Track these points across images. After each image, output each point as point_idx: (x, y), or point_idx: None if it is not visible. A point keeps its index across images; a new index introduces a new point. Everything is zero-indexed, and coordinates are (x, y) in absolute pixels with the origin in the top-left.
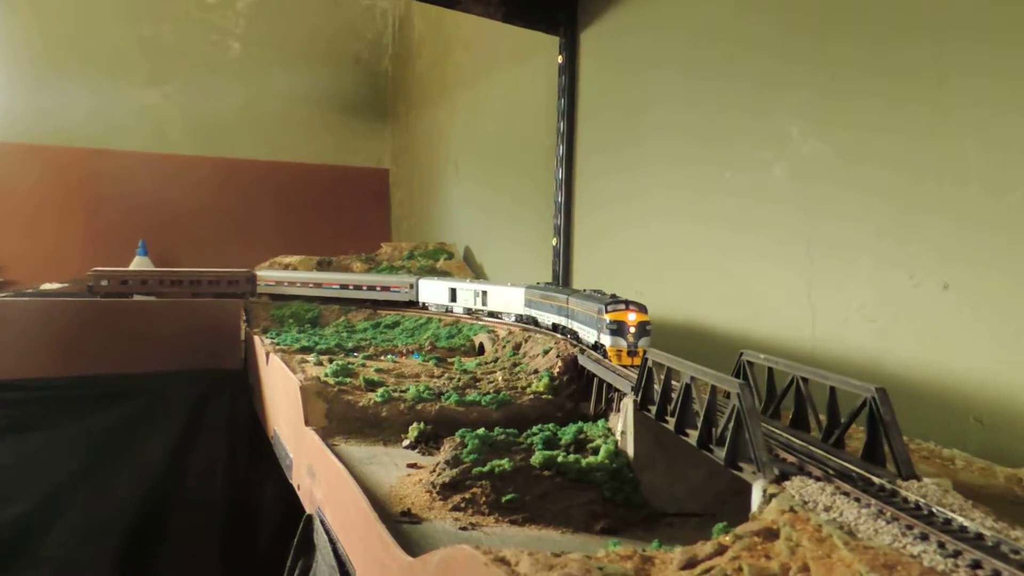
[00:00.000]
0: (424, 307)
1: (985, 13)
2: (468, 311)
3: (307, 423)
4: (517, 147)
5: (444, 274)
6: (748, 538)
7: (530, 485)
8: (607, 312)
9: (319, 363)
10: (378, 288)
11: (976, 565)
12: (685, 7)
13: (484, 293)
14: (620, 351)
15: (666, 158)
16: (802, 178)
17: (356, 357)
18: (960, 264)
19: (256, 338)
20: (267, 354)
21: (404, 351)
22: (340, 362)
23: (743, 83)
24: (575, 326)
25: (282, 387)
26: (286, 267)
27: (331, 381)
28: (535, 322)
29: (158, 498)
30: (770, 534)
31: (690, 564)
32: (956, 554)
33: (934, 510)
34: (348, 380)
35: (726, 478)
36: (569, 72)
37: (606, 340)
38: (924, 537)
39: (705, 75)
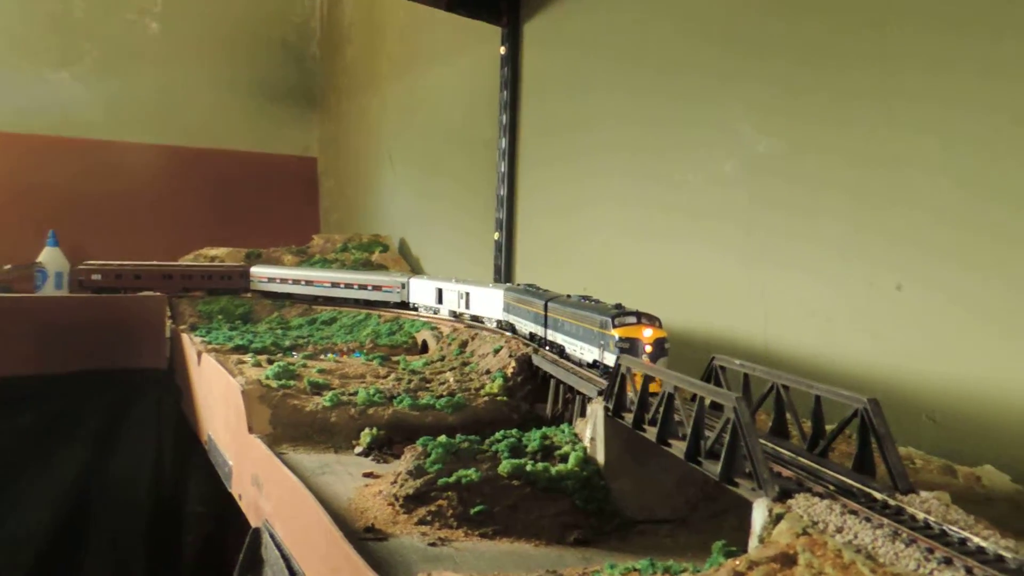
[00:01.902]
0: (415, 308)
1: (934, 4)
2: (454, 315)
3: (251, 430)
4: (456, 139)
5: (380, 267)
6: (765, 564)
7: (499, 496)
8: (615, 327)
9: (257, 364)
10: (370, 287)
11: None
12: (627, 6)
13: (467, 295)
14: (635, 377)
15: (613, 153)
16: (753, 172)
17: (295, 356)
18: (913, 263)
19: (184, 336)
20: (199, 354)
21: (345, 349)
22: (280, 363)
23: (690, 76)
24: (560, 339)
25: (219, 390)
26: (211, 259)
27: (274, 384)
28: (513, 330)
29: (76, 508)
30: (787, 560)
31: None
32: None
33: (946, 529)
34: (292, 383)
35: (696, 484)
36: (512, 63)
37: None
38: (948, 562)
39: (652, 68)
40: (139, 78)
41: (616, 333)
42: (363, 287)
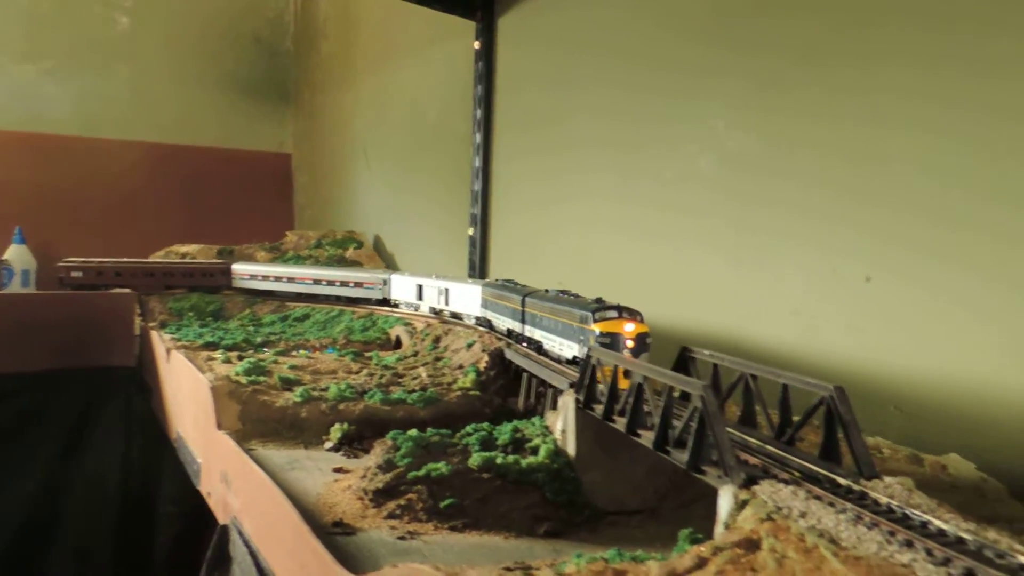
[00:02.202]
0: (396, 306)
1: (916, 1)
2: (434, 311)
3: (219, 426)
4: (431, 134)
5: (355, 263)
6: (729, 550)
7: (469, 489)
8: (595, 322)
9: (227, 360)
10: (351, 284)
11: (970, 574)
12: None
13: (447, 291)
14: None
15: (587, 149)
16: (728, 167)
17: (266, 353)
18: (883, 255)
19: (153, 333)
20: (168, 351)
21: (317, 345)
22: (251, 359)
23: (666, 72)
24: (539, 335)
25: (188, 387)
26: (183, 256)
27: (243, 380)
28: (491, 327)
29: (45, 507)
30: (751, 545)
31: None
32: (946, 561)
33: (908, 512)
34: (262, 379)
35: (665, 474)
36: (486, 58)
37: None
38: (909, 544)
39: (627, 63)
40: (109, 73)
41: (596, 328)
42: (344, 284)
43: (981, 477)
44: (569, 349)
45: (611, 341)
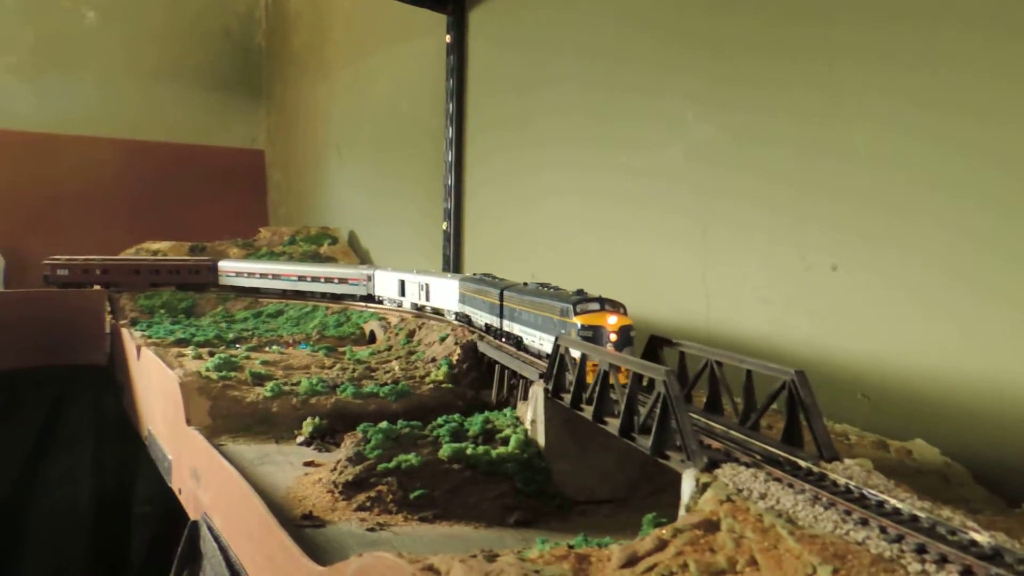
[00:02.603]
0: (380, 302)
1: None
2: (417, 307)
3: (189, 422)
4: (404, 128)
5: (330, 259)
6: (689, 531)
7: (439, 480)
8: (576, 314)
9: (198, 356)
10: (336, 280)
11: (921, 549)
12: None
13: (427, 287)
14: (597, 367)
15: (559, 140)
16: (695, 160)
17: (239, 349)
18: (848, 247)
19: (124, 331)
20: (138, 348)
21: (291, 341)
22: (222, 355)
23: (637, 65)
24: (518, 330)
25: (158, 384)
26: (155, 253)
27: (214, 376)
28: (469, 321)
29: (16, 506)
30: (711, 526)
31: (631, 561)
32: (899, 539)
33: (865, 492)
34: (233, 374)
35: (636, 463)
36: (458, 52)
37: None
38: (864, 522)
39: (599, 58)
40: (76, 69)
41: (578, 321)
42: (329, 280)
43: (945, 462)
44: (549, 343)
45: (593, 335)
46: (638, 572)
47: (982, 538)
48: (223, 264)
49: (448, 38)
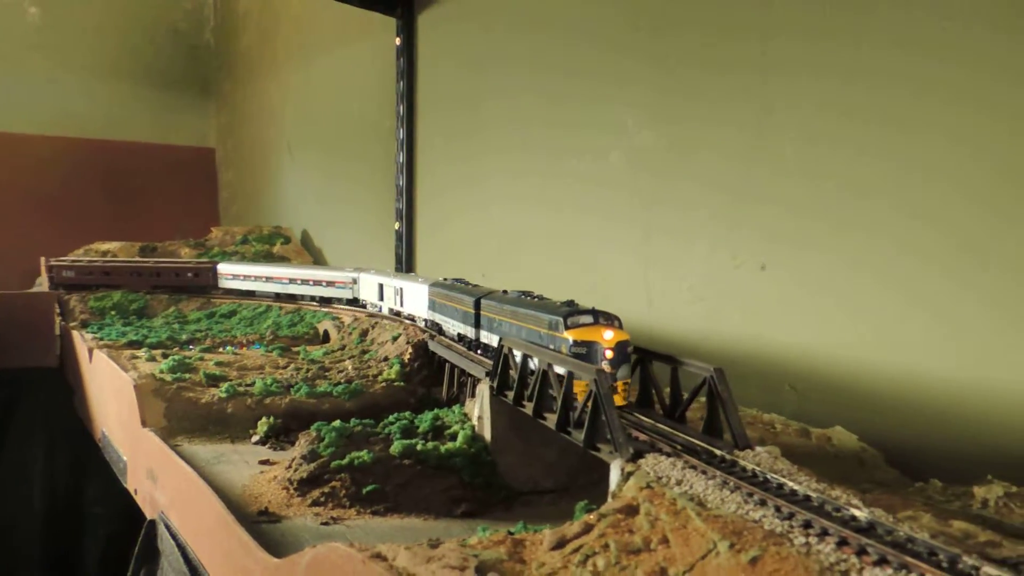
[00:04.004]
0: (364, 306)
1: (805, 15)
2: (393, 313)
3: (144, 424)
4: (356, 128)
5: (282, 259)
6: (611, 515)
7: (390, 475)
8: (568, 328)
9: (152, 359)
10: (324, 283)
11: (808, 524)
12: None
13: (401, 291)
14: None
15: (509, 146)
16: (638, 167)
17: (192, 350)
18: (776, 247)
19: (75, 333)
20: (90, 351)
21: (244, 341)
22: (176, 357)
23: (582, 78)
24: (496, 342)
25: (111, 386)
26: (104, 254)
27: (168, 378)
28: (440, 331)
29: None
30: (631, 510)
31: (560, 544)
32: (790, 516)
33: (768, 477)
34: (187, 376)
35: (577, 455)
36: (408, 54)
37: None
38: (763, 503)
39: (544, 61)
40: (19, 65)
41: (570, 336)
42: (317, 283)
43: (861, 447)
44: (534, 360)
45: (587, 351)
46: (566, 553)
47: (861, 514)
48: (222, 267)
49: (398, 41)
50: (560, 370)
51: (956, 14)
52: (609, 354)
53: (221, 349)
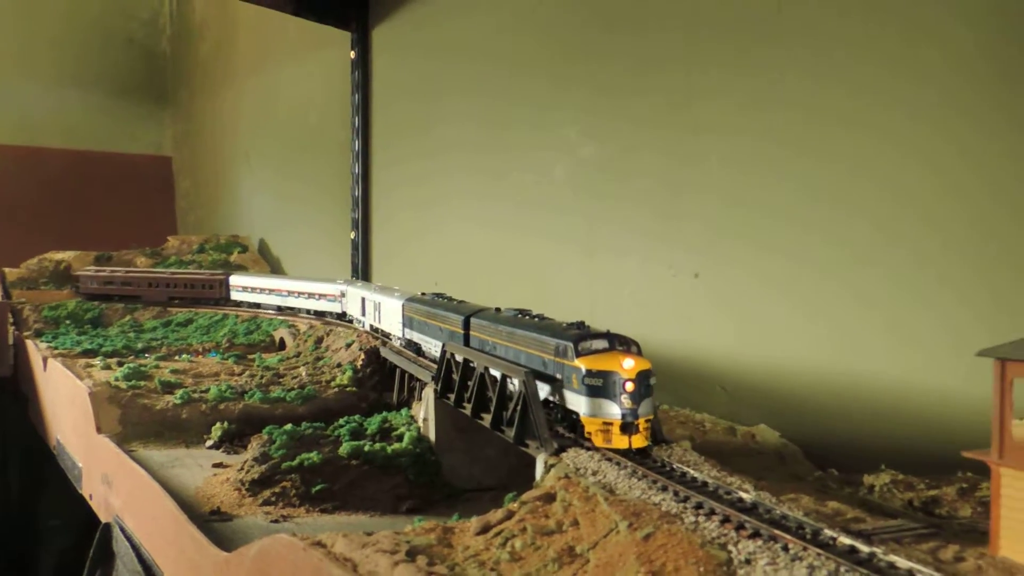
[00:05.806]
0: (351, 321)
1: (727, 45)
2: (374, 329)
3: (99, 430)
4: (312, 139)
5: (240, 268)
6: (531, 503)
7: (339, 475)
8: (579, 355)
9: (107, 367)
10: (316, 296)
11: (699, 506)
12: (469, 15)
13: (379, 306)
14: (610, 427)
15: (459, 153)
16: (581, 186)
17: (148, 358)
18: (707, 258)
19: (29, 342)
20: (45, 359)
21: (200, 349)
22: (131, 365)
23: (527, 82)
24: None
25: (66, 394)
26: (59, 263)
27: (123, 385)
28: (419, 351)
29: None
30: (548, 498)
31: (484, 529)
32: (685, 499)
33: (675, 467)
34: (142, 383)
35: (516, 454)
36: (362, 67)
37: (580, 405)
38: (664, 489)
39: (493, 73)
40: None
41: (582, 364)
42: (311, 296)
43: (783, 443)
44: (545, 389)
45: (603, 383)
46: (490, 536)
47: (747, 496)
48: (233, 279)
49: (353, 54)
50: (495, 372)
51: (868, 57)
52: (629, 386)
53: (177, 357)
